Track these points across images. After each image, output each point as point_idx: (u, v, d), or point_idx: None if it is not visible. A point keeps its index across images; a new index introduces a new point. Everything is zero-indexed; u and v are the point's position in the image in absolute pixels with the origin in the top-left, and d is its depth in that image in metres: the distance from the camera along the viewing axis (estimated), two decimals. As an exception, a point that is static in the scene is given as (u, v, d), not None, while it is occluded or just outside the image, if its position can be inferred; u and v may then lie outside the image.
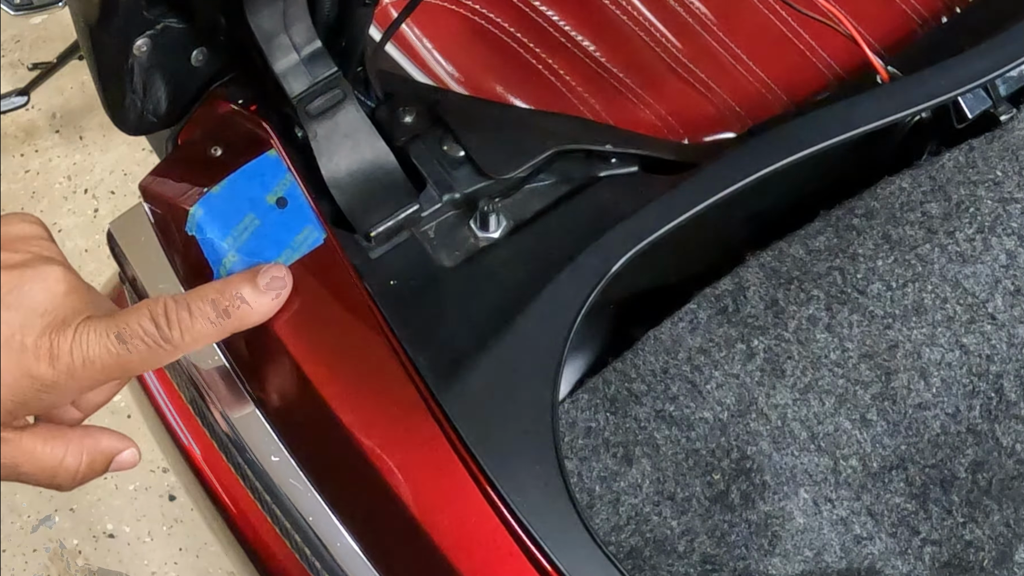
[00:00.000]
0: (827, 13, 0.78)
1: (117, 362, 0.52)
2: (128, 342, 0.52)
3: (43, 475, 0.55)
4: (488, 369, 0.60)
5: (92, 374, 0.52)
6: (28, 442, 0.54)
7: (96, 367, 0.52)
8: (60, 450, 0.55)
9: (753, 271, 0.76)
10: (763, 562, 0.69)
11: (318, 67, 0.63)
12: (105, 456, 0.57)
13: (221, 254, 0.62)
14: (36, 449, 0.54)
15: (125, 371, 0.53)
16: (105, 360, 0.52)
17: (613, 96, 0.92)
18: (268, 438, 0.63)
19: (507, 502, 0.57)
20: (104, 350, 0.52)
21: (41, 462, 0.54)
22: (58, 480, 0.56)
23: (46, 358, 0.51)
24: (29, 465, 0.54)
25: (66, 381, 0.52)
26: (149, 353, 0.53)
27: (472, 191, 0.65)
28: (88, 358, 0.51)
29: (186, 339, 0.54)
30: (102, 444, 0.57)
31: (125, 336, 0.52)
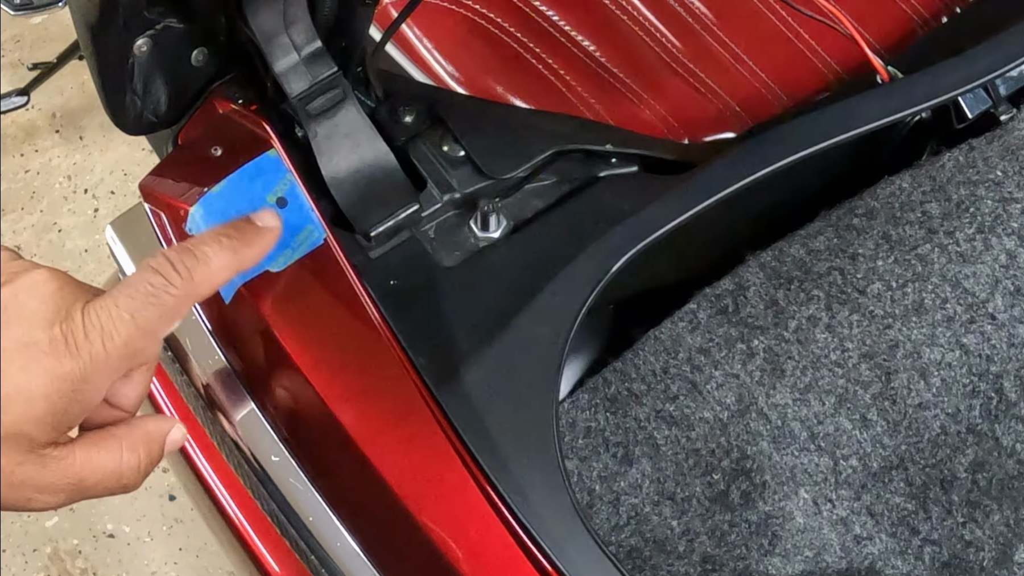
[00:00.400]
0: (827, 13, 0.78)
1: (137, 328, 0.50)
2: (139, 300, 0.50)
3: (109, 480, 0.53)
4: (488, 369, 0.60)
5: (116, 350, 0.50)
6: (82, 453, 0.52)
7: (118, 341, 0.50)
8: (116, 449, 0.53)
9: (753, 271, 0.76)
10: (763, 562, 0.69)
11: (318, 67, 0.63)
12: (158, 441, 0.55)
13: (221, 254, 0.62)
14: (93, 457, 0.52)
15: (148, 336, 0.51)
16: (125, 330, 0.50)
17: (613, 96, 0.92)
18: (268, 438, 0.63)
19: (507, 502, 0.56)
20: (119, 319, 0.50)
21: (103, 468, 0.53)
22: (125, 480, 0.54)
23: (65, 351, 0.49)
24: (92, 476, 0.52)
25: (94, 368, 0.50)
26: (165, 305, 0.51)
27: (472, 191, 0.65)
28: (106, 334, 0.50)
29: (196, 275, 0.52)
30: (150, 429, 0.55)
31: (135, 296, 0.50)
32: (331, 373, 0.61)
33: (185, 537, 1.46)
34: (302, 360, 0.61)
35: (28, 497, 0.51)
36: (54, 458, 0.50)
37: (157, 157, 0.70)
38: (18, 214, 1.70)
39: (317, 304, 0.63)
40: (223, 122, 0.67)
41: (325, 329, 0.62)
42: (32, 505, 0.51)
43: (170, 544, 1.46)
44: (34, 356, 0.49)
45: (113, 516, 1.48)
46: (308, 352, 0.61)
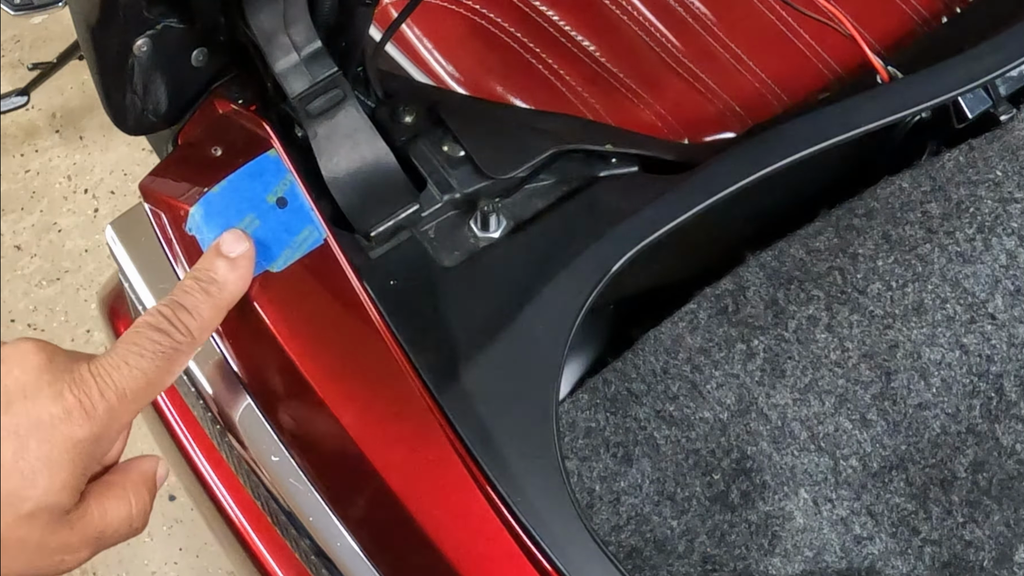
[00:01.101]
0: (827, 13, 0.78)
1: (148, 383, 0.52)
2: (147, 358, 0.52)
3: (123, 527, 0.54)
4: (488, 369, 0.60)
5: (128, 407, 0.51)
6: (97, 507, 0.53)
7: (131, 397, 0.51)
8: (124, 496, 0.54)
9: (753, 271, 0.75)
10: (763, 562, 0.69)
11: (318, 67, 0.63)
12: (151, 480, 0.57)
13: (221, 254, 0.62)
14: (108, 509, 0.53)
15: (156, 389, 0.53)
16: (136, 386, 0.51)
17: (613, 96, 0.92)
18: (268, 438, 0.63)
19: (507, 502, 0.56)
20: (131, 377, 0.51)
21: (118, 517, 0.53)
22: (135, 523, 0.55)
23: (82, 416, 0.50)
24: (110, 526, 0.53)
25: (110, 425, 0.51)
26: (171, 361, 0.53)
27: (472, 191, 0.65)
28: (120, 391, 0.51)
29: (194, 331, 0.54)
30: (145, 469, 0.56)
31: (144, 354, 0.52)
32: (331, 373, 0.61)
33: (185, 537, 1.46)
34: (302, 360, 0.61)
35: (60, 559, 0.51)
36: (78, 519, 0.51)
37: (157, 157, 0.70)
38: (18, 214, 1.70)
39: (317, 304, 0.63)
40: (223, 122, 0.67)
41: (325, 329, 0.62)
42: (64, 567, 0.52)
43: (170, 544, 1.46)
44: (50, 428, 0.49)
45: (113, 516, 1.48)
46: (308, 352, 0.61)
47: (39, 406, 0.49)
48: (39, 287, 1.64)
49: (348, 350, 0.62)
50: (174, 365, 0.53)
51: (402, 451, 0.59)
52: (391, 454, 0.59)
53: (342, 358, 0.61)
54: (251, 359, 0.64)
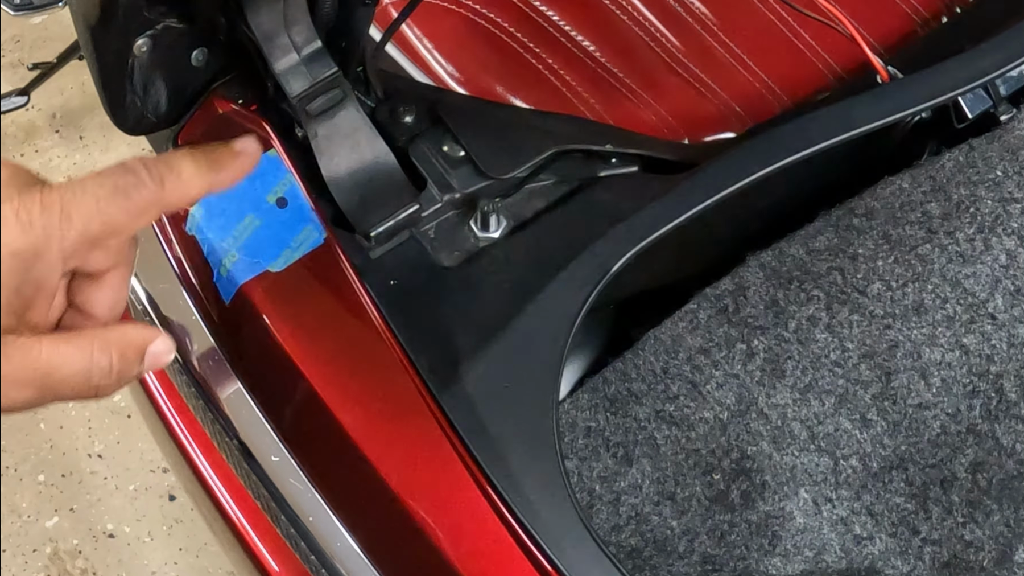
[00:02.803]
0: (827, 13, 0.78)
1: (99, 213, 0.49)
2: (106, 190, 0.49)
3: (78, 379, 0.51)
4: (488, 369, 0.60)
5: (73, 229, 0.49)
6: (49, 345, 0.50)
7: (76, 221, 0.49)
8: (86, 347, 0.51)
9: (753, 271, 0.75)
10: (763, 562, 0.69)
11: (318, 67, 0.63)
12: (136, 348, 0.53)
13: (221, 254, 0.62)
14: (61, 350, 0.50)
15: (108, 228, 0.50)
16: (86, 212, 0.49)
17: (613, 96, 0.92)
18: (268, 438, 0.63)
19: (507, 502, 0.56)
20: (81, 201, 0.49)
21: (71, 364, 0.50)
22: (95, 381, 0.51)
23: (16, 225, 0.47)
24: (60, 371, 0.50)
25: (47, 243, 0.48)
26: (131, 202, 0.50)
27: (472, 191, 0.65)
28: (64, 212, 0.48)
29: (167, 184, 0.51)
30: (129, 334, 0.53)
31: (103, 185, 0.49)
32: (331, 373, 0.61)
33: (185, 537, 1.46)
34: (302, 360, 0.61)
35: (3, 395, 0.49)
36: (17, 347, 0.49)
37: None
38: (18, 214, 1.70)
39: (317, 304, 0.63)
40: (223, 122, 0.67)
41: (325, 329, 0.62)
42: (10, 403, 0.49)
43: (170, 544, 1.46)
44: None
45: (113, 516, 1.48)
46: (308, 352, 0.61)
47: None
48: (39, 287, 1.64)
49: (348, 350, 0.62)
50: (133, 209, 0.50)
51: (402, 451, 0.59)
52: (391, 454, 0.59)
53: (342, 358, 0.61)
54: (251, 359, 0.64)
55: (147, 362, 0.54)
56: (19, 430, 1.54)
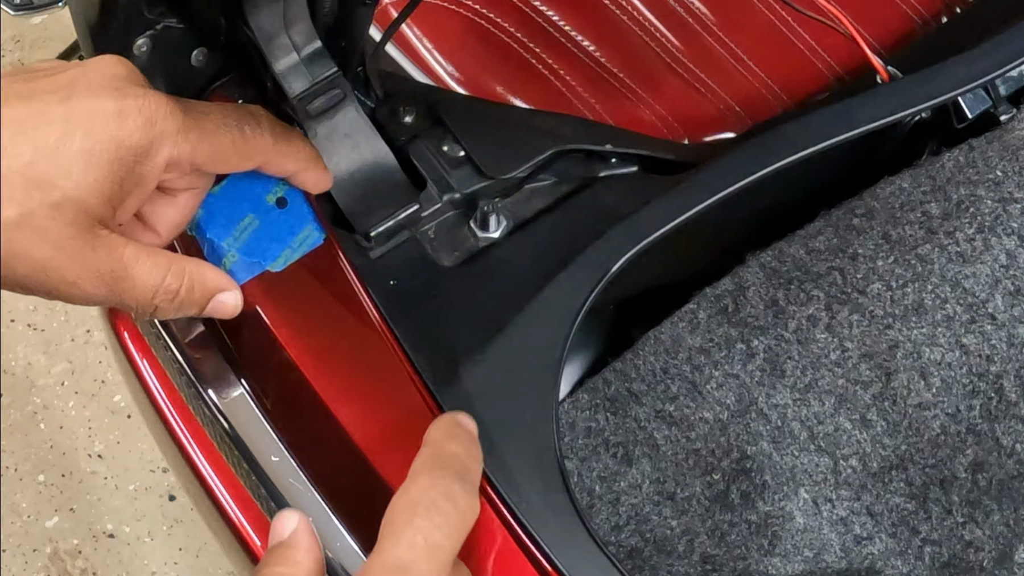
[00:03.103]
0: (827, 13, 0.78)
1: (215, 135, 0.51)
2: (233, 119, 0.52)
3: (144, 293, 0.51)
4: (488, 369, 0.60)
5: (191, 143, 0.50)
6: (133, 248, 0.50)
7: (192, 135, 0.50)
8: (163, 266, 0.51)
9: (753, 271, 0.75)
10: (763, 562, 0.69)
11: (318, 67, 0.63)
12: (206, 289, 0.54)
13: (221, 254, 0.62)
14: (141, 258, 0.50)
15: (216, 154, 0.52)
16: (204, 130, 0.51)
17: (613, 96, 0.92)
18: (268, 438, 0.63)
19: (507, 502, 0.57)
20: (211, 121, 0.51)
21: (145, 277, 0.51)
22: (156, 300, 0.52)
23: (134, 121, 0.48)
24: (134, 276, 0.50)
25: (158, 143, 0.49)
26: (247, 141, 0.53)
27: (472, 191, 0.65)
28: (189, 124, 0.50)
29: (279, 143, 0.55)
30: (206, 274, 0.54)
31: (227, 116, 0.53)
32: (331, 373, 0.61)
33: (185, 537, 1.46)
34: (302, 360, 0.61)
35: (71, 281, 0.49)
36: (105, 241, 0.49)
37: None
38: (18, 214, 1.70)
39: (317, 304, 0.63)
40: (223, 122, 0.67)
41: (325, 329, 0.62)
42: (70, 291, 0.49)
43: (170, 544, 1.46)
44: (100, 124, 0.48)
45: (113, 516, 1.48)
46: (308, 352, 0.61)
47: (97, 102, 0.48)
48: (39, 287, 1.64)
49: (348, 350, 0.62)
50: (245, 147, 0.53)
51: (402, 451, 0.59)
52: (391, 454, 0.59)
53: (342, 358, 0.61)
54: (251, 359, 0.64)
55: (210, 306, 0.55)
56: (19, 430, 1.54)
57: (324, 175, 0.60)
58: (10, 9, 0.77)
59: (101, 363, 1.58)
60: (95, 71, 0.50)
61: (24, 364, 1.58)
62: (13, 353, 1.59)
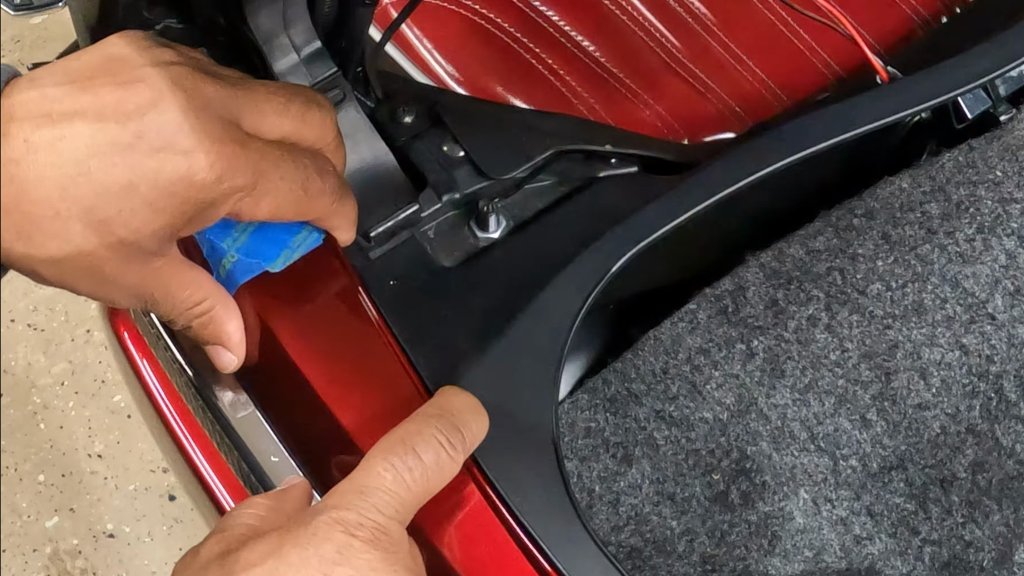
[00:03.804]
0: (827, 13, 0.78)
1: (280, 198, 0.51)
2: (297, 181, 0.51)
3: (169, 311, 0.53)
4: (488, 369, 0.60)
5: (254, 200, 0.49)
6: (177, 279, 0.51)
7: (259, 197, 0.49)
8: (196, 297, 0.53)
9: (753, 271, 0.75)
10: (763, 562, 0.69)
11: (318, 67, 0.63)
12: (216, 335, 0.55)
13: (221, 254, 0.62)
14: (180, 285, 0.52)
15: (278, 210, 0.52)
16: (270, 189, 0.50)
17: (613, 96, 0.92)
18: (268, 438, 0.63)
19: (507, 502, 0.57)
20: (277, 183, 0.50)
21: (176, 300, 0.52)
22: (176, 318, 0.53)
23: (207, 175, 0.47)
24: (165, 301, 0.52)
25: (225, 199, 0.48)
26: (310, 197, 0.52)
27: (472, 191, 0.65)
28: (254, 181, 0.48)
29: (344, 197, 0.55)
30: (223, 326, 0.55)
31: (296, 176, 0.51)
32: (331, 373, 0.61)
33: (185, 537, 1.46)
34: (302, 360, 0.61)
35: (111, 299, 0.51)
36: (153, 268, 0.50)
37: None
38: (18, 214, 1.70)
39: (317, 304, 0.63)
40: (223, 122, 0.67)
41: (325, 329, 0.62)
42: (106, 300, 0.51)
43: (170, 544, 1.46)
44: (168, 174, 0.46)
45: (113, 516, 1.48)
46: (308, 352, 0.61)
47: (168, 150, 0.46)
48: (39, 287, 1.64)
49: (348, 350, 0.62)
50: (308, 203, 0.52)
51: (402, 451, 0.59)
52: (391, 454, 0.59)
53: (342, 358, 0.62)
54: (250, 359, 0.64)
55: (209, 350, 0.56)
56: (19, 430, 1.54)
57: (354, 233, 0.60)
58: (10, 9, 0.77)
59: (101, 363, 1.58)
60: (169, 100, 0.46)
61: (24, 364, 1.58)
62: (13, 353, 1.59)
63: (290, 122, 0.52)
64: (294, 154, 0.52)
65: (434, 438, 0.49)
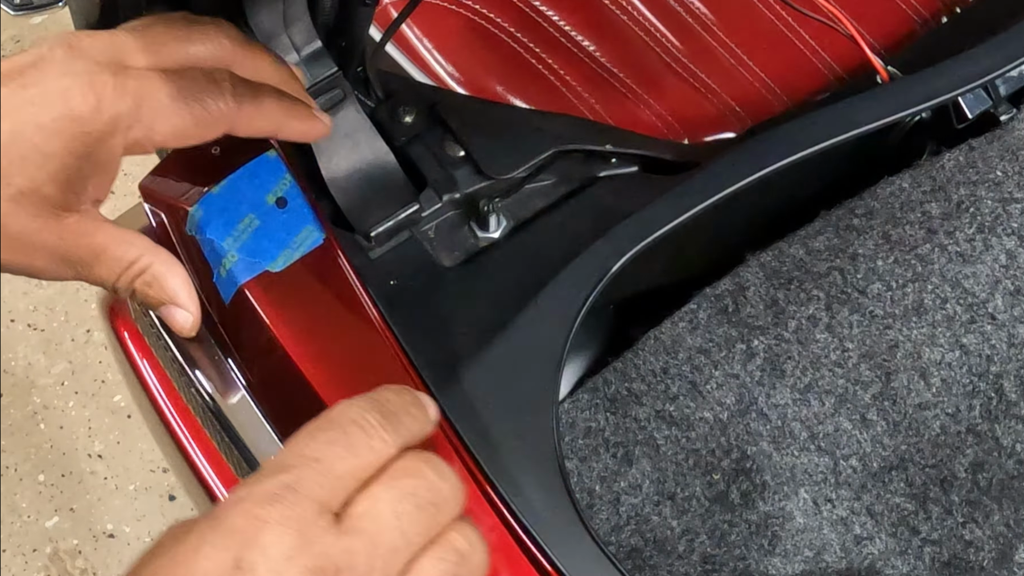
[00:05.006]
0: (827, 13, 0.78)
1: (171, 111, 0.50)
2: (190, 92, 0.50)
3: (106, 277, 0.52)
4: (488, 369, 0.60)
5: (143, 122, 0.49)
6: (102, 237, 0.51)
7: (145, 114, 0.49)
8: (130, 257, 0.52)
9: (753, 271, 0.75)
10: (763, 562, 0.69)
11: (318, 67, 0.63)
12: (163, 294, 0.53)
13: (221, 254, 0.62)
14: (109, 247, 0.51)
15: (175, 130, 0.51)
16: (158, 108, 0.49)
17: (613, 96, 0.92)
18: (268, 438, 0.63)
19: (507, 502, 0.56)
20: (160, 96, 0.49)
21: (109, 264, 0.51)
22: (118, 284, 0.52)
23: (83, 103, 0.47)
24: (97, 264, 0.51)
25: (112, 129, 0.48)
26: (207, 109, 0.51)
27: (472, 191, 0.65)
28: (137, 103, 0.49)
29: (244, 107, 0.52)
30: (168, 282, 0.53)
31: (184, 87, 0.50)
32: (331, 373, 0.61)
33: (185, 537, 1.46)
34: (302, 360, 0.61)
35: (39, 268, 0.50)
36: (73, 226, 0.49)
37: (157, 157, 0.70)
38: (18, 214, 1.70)
39: (317, 304, 0.63)
40: (223, 122, 0.67)
41: (325, 329, 0.62)
42: (39, 273, 0.50)
43: (170, 544, 1.46)
44: (50, 110, 0.47)
45: (113, 516, 1.48)
46: (308, 352, 0.61)
47: (47, 87, 0.47)
48: (39, 287, 1.64)
49: (348, 350, 0.62)
50: (205, 115, 0.51)
51: (402, 451, 0.59)
52: (391, 454, 0.59)
53: (342, 358, 0.61)
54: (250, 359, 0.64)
55: (163, 312, 0.55)
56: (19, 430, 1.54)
57: (309, 123, 0.57)
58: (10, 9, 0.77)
59: (101, 363, 1.58)
60: (62, 48, 0.49)
61: (24, 364, 1.58)
62: (13, 353, 1.59)
63: (177, 46, 0.53)
64: (181, 73, 0.51)
65: (365, 420, 0.48)
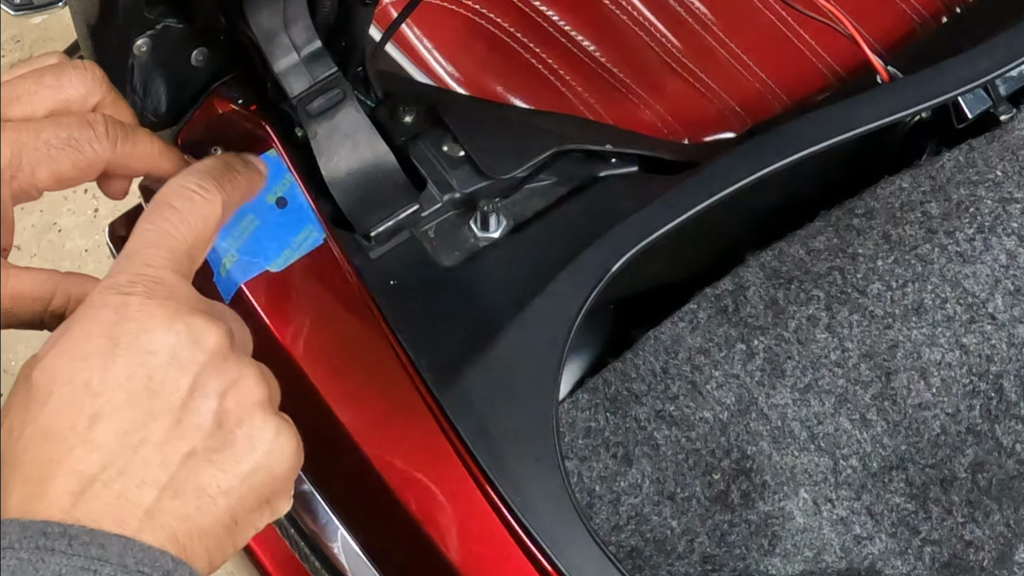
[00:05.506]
0: (827, 13, 0.78)
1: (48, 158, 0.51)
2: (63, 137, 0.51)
3: (32, 315, 0.53)
4: (488, 369, 0.60)
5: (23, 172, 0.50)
6: (16, 277, 0.52)
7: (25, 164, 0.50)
8: (46, 293, 0.53)
9: (753, 271, 0.75)
10: (763, 562, 0.69)
11: (318, 67, 0.63)
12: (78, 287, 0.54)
13: (221, 254, 0.62)
14: (17, 292, 0.52)
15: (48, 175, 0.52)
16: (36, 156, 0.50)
17: (613, 96, 0.92)
18: (268, 438, 0.63)
19: (507, 502, 0.56)
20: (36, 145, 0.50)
21: (27, 305, 0.53)
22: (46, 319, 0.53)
23: None
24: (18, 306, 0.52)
25: None
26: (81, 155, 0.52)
27: (472, 191, 0.65)
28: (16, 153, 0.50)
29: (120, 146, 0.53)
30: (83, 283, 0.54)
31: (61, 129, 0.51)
32: (331, 373, 0.61)
33: (185, 537, 1.46)
34: (302, 360, 0.61)
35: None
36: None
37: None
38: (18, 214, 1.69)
39: (317, 304, 0.63)
40: (223, 122, 0.67)
41: (325, 329, 0.62)
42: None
43: (170, 544, 1.46)
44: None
45: (113, 516, 1.48)
46: (308, 352, 0.61)
47: None
48: (39, 287, 1.64)
49: (348, 350, 0.62)
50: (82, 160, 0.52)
51: (402, 451, 0.59)
52: (391, 454, 0.59)
53: (342, 358, 0.61)
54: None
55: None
56: (19, 430, 1.53)
57: (171, 166, 0.57)
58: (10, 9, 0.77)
59: (101, 363, 1.57)
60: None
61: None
62: (13, 353, 1.59)
63: (48, 93, 0.53)
64: (56, 119, 0.52)
65: (184, 188, 0.49)
